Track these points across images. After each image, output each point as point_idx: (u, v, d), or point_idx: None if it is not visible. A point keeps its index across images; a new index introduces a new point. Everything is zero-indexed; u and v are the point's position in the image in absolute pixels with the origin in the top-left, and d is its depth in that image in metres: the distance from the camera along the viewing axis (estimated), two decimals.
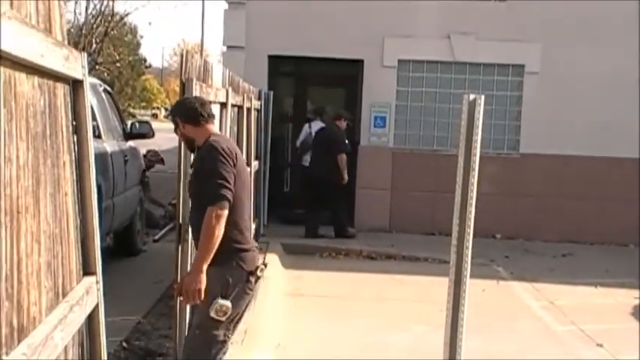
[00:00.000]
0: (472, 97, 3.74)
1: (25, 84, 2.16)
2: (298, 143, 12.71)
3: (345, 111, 12.42)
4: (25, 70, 2.15)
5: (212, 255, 4.08)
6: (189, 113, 4.37)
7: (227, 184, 4.15)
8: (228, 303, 4.17)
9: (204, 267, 4.08)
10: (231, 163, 4.23)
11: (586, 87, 12.65)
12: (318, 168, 11.71)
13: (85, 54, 2.84)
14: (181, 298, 4.31)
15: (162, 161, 14.77)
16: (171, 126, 4.54)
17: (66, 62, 2.51)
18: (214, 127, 4.49)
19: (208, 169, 4.17)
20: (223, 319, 4.20)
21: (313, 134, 12.27)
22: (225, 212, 4.12)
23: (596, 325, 7.80)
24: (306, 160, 12.38)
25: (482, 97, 3.71)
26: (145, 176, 11.01)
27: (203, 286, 4.08)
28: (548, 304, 8.69)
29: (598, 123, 12.59)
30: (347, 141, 11.83)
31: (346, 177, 11.67)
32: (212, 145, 4.23)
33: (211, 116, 4.42)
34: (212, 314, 4.16)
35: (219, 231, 4.10)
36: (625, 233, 12.48)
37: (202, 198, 4.19)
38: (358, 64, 12.97)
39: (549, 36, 12.62)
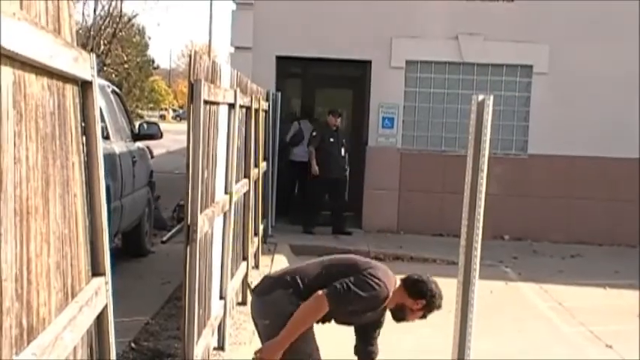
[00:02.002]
0: (481, 97, 3.73)
1: (35, 85, 2.16)
2: (288, 138, 12.85)
3: (336, 109, 12.68)
4: (35, 71, 2.15)
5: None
6: None
7: (347, 295, 4.21)
8: None
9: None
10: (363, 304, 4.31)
11: (594, 88, 12.61)
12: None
13: (94, 55, 2.84)
14: None
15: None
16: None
17: (75, 63, 2.51)
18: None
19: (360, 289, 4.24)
20: None
21: (303, 131, 12.80)
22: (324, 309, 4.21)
23: (605, 327, 7.78)
24: (296, 154, 12.83)
25: (492, 97, 3.70)
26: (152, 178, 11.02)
27: None
28: (557, 306, 8.67)
29: (607, 123, 12.56)
30: (314, 133, 12.24)
31: (314, 169, 12.13)
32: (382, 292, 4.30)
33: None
34: None
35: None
36: (634, 234, 12.45)
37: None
38: (366, 64, 12.97)
39: (558, 37, 12.59)
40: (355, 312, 4.35)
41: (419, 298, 4.36)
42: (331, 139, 12.10)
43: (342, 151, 12.21)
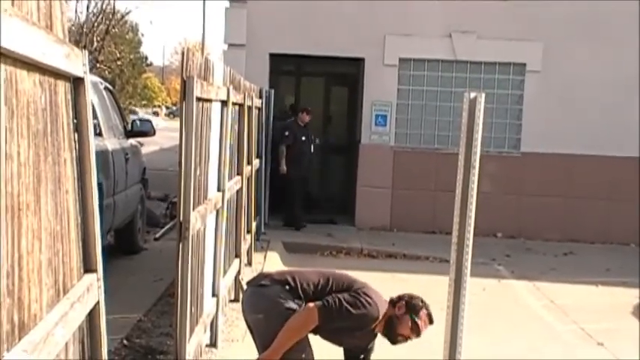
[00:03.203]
0: (473, 95, 3.73)
1: (27, 81, 2.16)
2: None
3: (306, 106, 12.78)
4: (27, 68, 2.15)
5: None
6: None
7: (338, 310, 4.23)
8: None
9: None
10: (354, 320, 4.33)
11: (587, 86, 12.64)
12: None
13: (86, 52, 2.84)
14: None
15: None
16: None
17: (67, 60, 2.51)
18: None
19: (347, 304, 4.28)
20: None
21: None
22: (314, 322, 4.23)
23: (597, 325, 7.81)
24: None
25: (483, 95, 3.71)
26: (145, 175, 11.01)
27: None
28: (549, 303, 8.70)
29: (599, 122, 12.59)
30: (287, 133, 12.22)
31: (282, 168, 12.15)
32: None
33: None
34: None
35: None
36: (626, 232, 12.48)
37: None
38: (359, 62, 12.98)
39: (551, 35, 12.61)
40: (343, 329, 4.36)
41: (398, 301, 4.43)
42: (303, 138, 12.15)
43: (312, 148, 12.30)
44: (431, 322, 4.45)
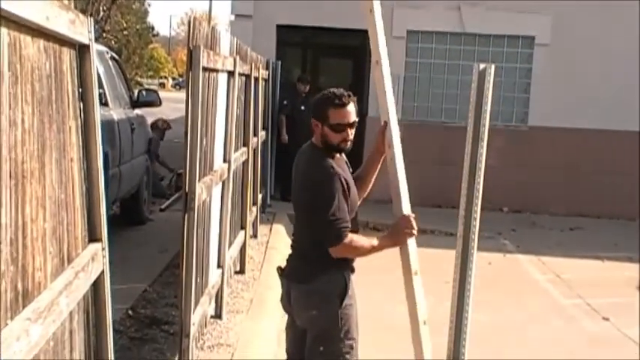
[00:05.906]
0: (482, 66, 3.69)
1: (31, 47, 2.12)
2: None
3: (304, 76, 12.74)
4: (31, 33, 2.11)
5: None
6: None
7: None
8: None
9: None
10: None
11: (596, 59, 12.54)
12: None
13: (92, 19, 2.80)
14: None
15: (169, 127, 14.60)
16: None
17: (72, 26, 2.47)
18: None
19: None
20: None
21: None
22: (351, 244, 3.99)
23: (602, 299, 7.81)
24: None
25: (493, 66, 3.67)
26: (152, 144, 10.99)
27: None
28: (555, 278, 8.69)
29: (609, 96, 12.50)
30: (285, 102, 12.14)
31: (283, 137, 12.10)
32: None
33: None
34: None
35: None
36: (633, 207, 12.44)
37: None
38: (366, 34, 12.84)
39: (560, 8, 12.49)
40: (351, 201, 4.18)
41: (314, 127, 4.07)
42: (302, 107, 12.05)
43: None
44: (342, 103, 4.11)
